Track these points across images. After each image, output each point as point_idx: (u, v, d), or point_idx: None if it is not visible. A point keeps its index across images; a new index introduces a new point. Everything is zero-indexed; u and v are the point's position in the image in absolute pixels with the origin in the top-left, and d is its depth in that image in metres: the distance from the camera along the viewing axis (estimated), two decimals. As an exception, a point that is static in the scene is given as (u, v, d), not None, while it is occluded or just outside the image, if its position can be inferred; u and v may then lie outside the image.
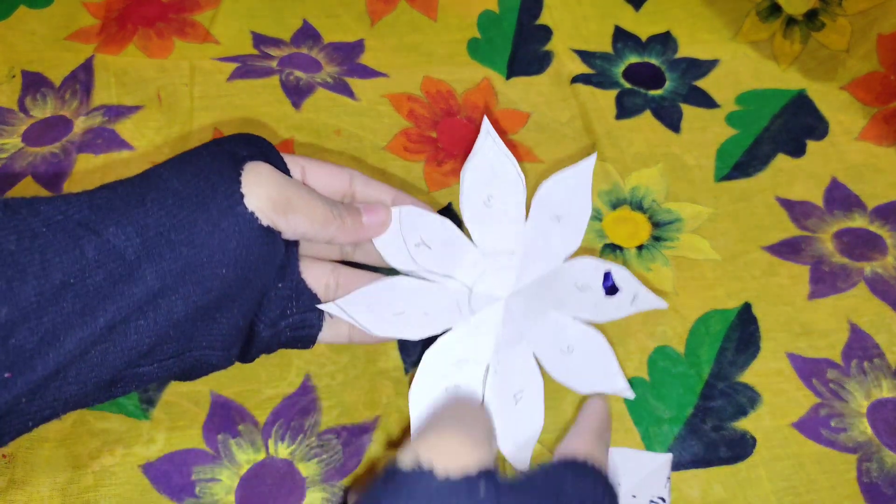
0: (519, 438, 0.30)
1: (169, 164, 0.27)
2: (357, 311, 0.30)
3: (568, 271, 0.32)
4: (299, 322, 0.31)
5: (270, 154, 0.30)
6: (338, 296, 0.32)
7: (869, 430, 0.37)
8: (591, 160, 0.32)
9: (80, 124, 0.45)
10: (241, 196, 0.26)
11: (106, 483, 0.33)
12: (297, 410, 0.35)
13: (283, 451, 0.34)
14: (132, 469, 0.33)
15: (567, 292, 0.31)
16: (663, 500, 0.35)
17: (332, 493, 0.34)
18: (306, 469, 0.34)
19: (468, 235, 0.33)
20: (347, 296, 0.30)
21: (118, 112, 0.46)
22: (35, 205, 0.24)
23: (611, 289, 0.31)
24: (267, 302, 0.30)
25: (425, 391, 0.30)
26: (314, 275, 0.32)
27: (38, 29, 0.51)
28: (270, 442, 0.34)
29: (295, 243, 0.31)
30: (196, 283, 0.25)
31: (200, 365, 0.29)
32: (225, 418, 0.35)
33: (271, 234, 0.27)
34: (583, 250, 0.43)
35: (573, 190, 0.32)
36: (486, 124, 0.32)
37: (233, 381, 0.36)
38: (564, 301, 0.31)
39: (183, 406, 0.35)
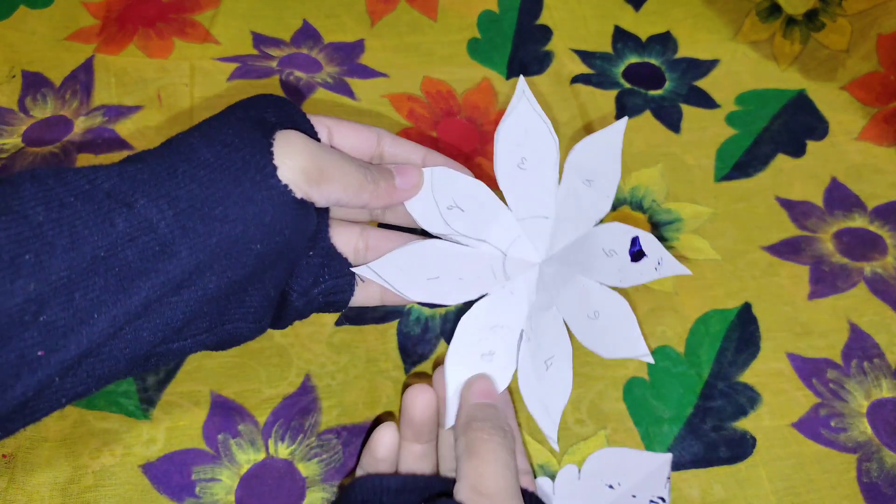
0: (549, 403, 0.30)
1: (198, 133, 0.26)
2: (391, 275, 0.29)
3: (597, 236, 0.31)
4: (332, 288, 0.31)
5: (298, 118, 0.29)
6: (367, 259, 0.31)
7: (869, 430, 0.37)
8: (623, 123, 0.32)
9: (80, 124, 0.45)
10: (275, 168, 0.25)
11: (106, 483, 0.33)
12: (297, 410, 0.35)
13: (283, 451, 0.34)
14: (132, 469, 0.33)
15: (595, 257, 0.31)
16: (663, 499, 0.35)
17: (332, 493, 0.34)
18: (306, 469, 0.34)
19: (501, 198, 0.33)
20: (380, 259, 0.30)
21: (118, 112, 0.46)
22: (62, 174, 0.23)
23: (637, 254, 0.30)
24: (299, 271, 0.29)
25: (462, 356, 0.30)
26: (343, 239, 0.31)
27: (38, 29, 0.51)
28: (270, 442, 0.34)
29: (325, 209, 0.30)
30: (231, 259, 0.25)
31: (233, 337, 0.28)
32: (225, 418, 0.35)
33: (305, 205, 0.26)
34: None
35: (604, 153, 0.32)
36: (521, 83, 0.31)
37: (233, 381, 0.36)
38: (591, 266, 0.31)
39: (183, 406, 0.35)
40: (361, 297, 0.33)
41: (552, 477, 0.35)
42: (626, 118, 0.32)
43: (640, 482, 0.35)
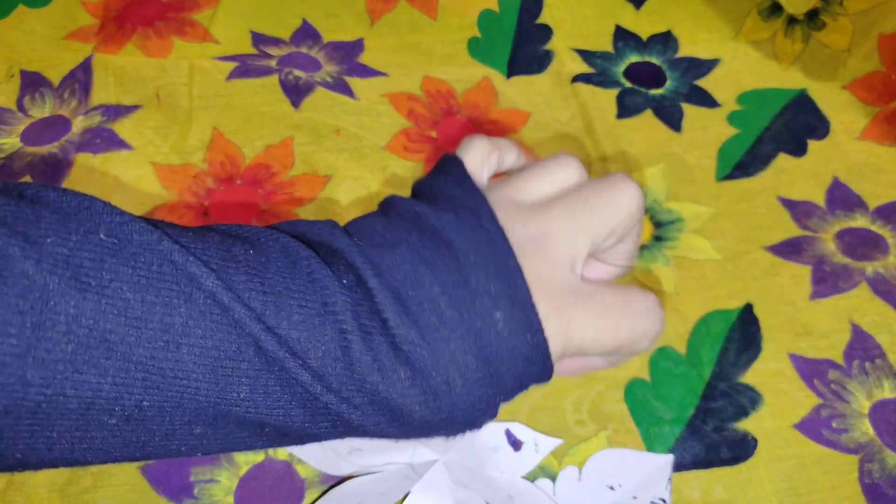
0: None
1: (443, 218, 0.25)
2: None
3: (478, 437, 0.35)
4: None
5: None
6: None
7: (871, 431, 0.37)
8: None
9: (78, 124, 0.45)
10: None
11: (105, 484, 0.32)
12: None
13: (281, 452, 0.34)
14: (131, 470, 0.33)
15: (487, 455, 0.35)
16: (664, 501, 0.34)
17: (331, 495, 0.34)
18: (305, 470, 0.34)
19: None
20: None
21: (117, 112, 0.45)
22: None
23: (515, 444, 0.35)
24: None
25: None
26: None
27: (36, 28, 0.51)
28: None
29: None
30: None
31: None
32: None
33: None
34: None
35: None
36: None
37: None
38: (487, 463, 0.35)
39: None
40: None
41: (553, 478, 0.35)
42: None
43: (642, 483, 0.35)
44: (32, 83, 0.47)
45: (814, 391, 0.38)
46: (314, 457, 0.33)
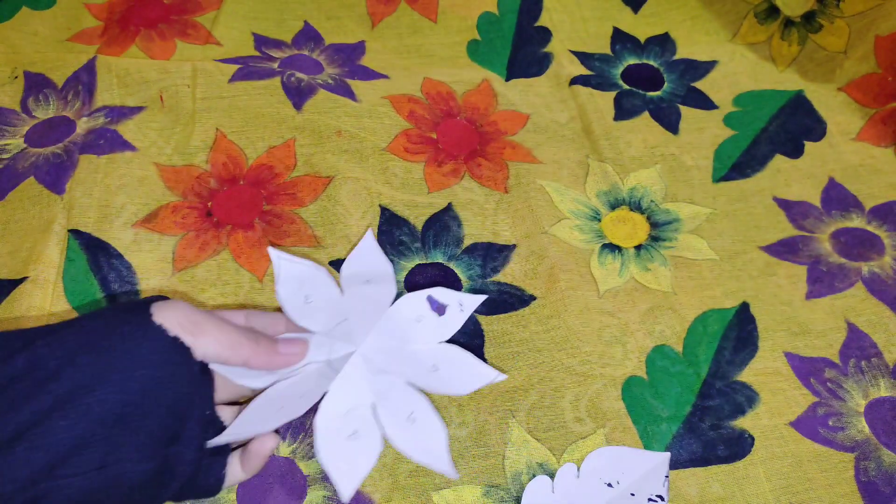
0: (430, 447, 0.32)
1: (96, 310, 0.30)
2: (246, 430, 0.31)
3: (399, 311, 0.35)
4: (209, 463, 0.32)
5: (177, 304, 0.32)
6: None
7: (867, 429, 0.37)
8: (369, 234, 0.37)
9: (82, 125, 0.45)
10: (150, 315, 0.28)
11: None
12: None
13: (284, 449, 0.35)
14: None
15: (408, 328, 0.35)
16: (661, 498, 0.35)
17: (333, 492, 0.34)
18: (307, 467, 0.34)
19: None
20: (232, 423, 0.31)
21: (120, 113, 0.46)
22: None
23: (439, 308, 0.35)
24: (187, 435, 0.30)
25: (330, 445, 0.32)
26: (224, 414, 0.32)
27: (40, 30, 0.52)
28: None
29: (211, 380, 0.31)
30: (111, 384, 0.27)
31: (121, 480, 0.28)
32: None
33: (180, 346, 0.28)
34: (582, 251, 0.43)
35: (367, 259, 0.37)
36: (271, 252, 0.34)
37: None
38: (410, 336, 0.35)
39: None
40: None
41: (551, 476, 0.35)
42: (370, 229, 0.37)
43: (639, 480, 0.35)
44: (36, 85, 0.47)
45: (810, 389, 0.38)
46: (236, 372, 0.32)
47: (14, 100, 0.47)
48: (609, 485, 0.35)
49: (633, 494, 0.35)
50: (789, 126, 0.51)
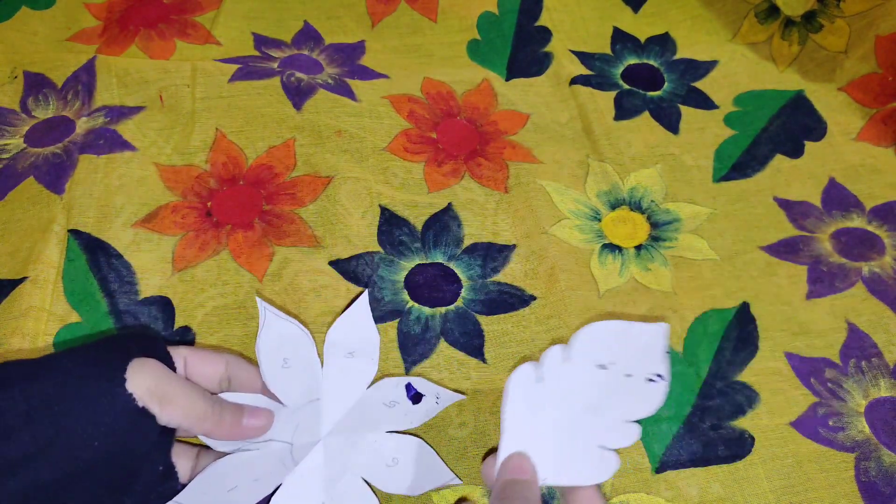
0: None
1: (69, 350, 0.30)
2: (196, 500, 0.31)
3: (374, 395, 0.35)
4: None
5: (159, 350, 0.32)
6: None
7: (867, 429, 0.37)
8: (364, 297, 0.38)
9: (81, 125, 0.45)
10: (124, 380, 0.28)
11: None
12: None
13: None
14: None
15: (379, 412, 0.35)
16: (661, 376, 0.31)
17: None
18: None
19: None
20: (185, 490, 0.31)
21: (120, 113, 0.46)
22: None
23: (415, 397, 0.36)
24: (137, 487, 0.30)
25: None
26: (181, 460, 0.32)
27: (39, 30, 0.52)
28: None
29: (171, 430, 0.31)
30: (67, 451, 0.27)
31: None
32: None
33: (146, 415, 0.29)
34: (582, 251, 0.43)
35: (357, 325, 0.37)
36: (259, 303, 0.35)
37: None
38: (378, 421, 0.35)
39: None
40: None
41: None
42: (365, 292, 0.38)
43: (635, 359, 0.31)
44: (36, 85, 0.47)
45: (810, 389, 0.38)
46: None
47: (13, 100, 0.47)
48: (602, 366, 0.31)
49: (629, 375, 0.31)
50: (790, 126, 0.51)
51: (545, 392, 0.31)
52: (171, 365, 0.32)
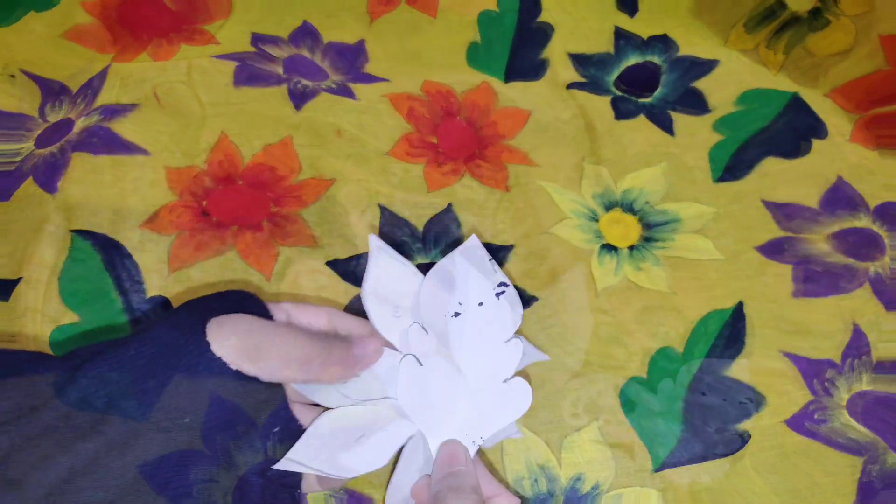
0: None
1: (156, 318, 0.29)
2: (312, 456, 0.28)
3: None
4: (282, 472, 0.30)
5: (256, 307, 0.29)
6: None
7: (851, 421, 0.38)
8: (474, 238, 0.34)
9: (79, 124, 0.45)
10: (208, 345, 0.26)
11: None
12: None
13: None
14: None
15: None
16: (506, 284, 0.32)
17: (333, 492, 0.35)
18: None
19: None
20: (294, 446, 0.29)
21: (114, 111, 0.45)
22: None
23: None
24: (254, 449, 0.29)
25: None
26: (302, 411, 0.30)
27: (36, 28, 0.51)
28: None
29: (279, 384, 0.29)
30: (167, 428, 0.26)
31: None
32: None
33: (245, 378, 0.27)
34: (582, 251, 0.43)
35: (472, 258, 0.34)
36: (372, 239, 0.32)
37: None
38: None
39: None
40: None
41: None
42: (474, 236, 0.35)
43: (475, 284, 0.32)
44: (53, 92, 0.47)
45: (811, 390, 0.40)
46: (307, 389, 0.30)
47: (32, 106, 0.47)
48: (457, 314, 0.32)
49: (481, 304, 0.32)
50: (788, 127, 0.51)
51: (424, 371, 0.31)
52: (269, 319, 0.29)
